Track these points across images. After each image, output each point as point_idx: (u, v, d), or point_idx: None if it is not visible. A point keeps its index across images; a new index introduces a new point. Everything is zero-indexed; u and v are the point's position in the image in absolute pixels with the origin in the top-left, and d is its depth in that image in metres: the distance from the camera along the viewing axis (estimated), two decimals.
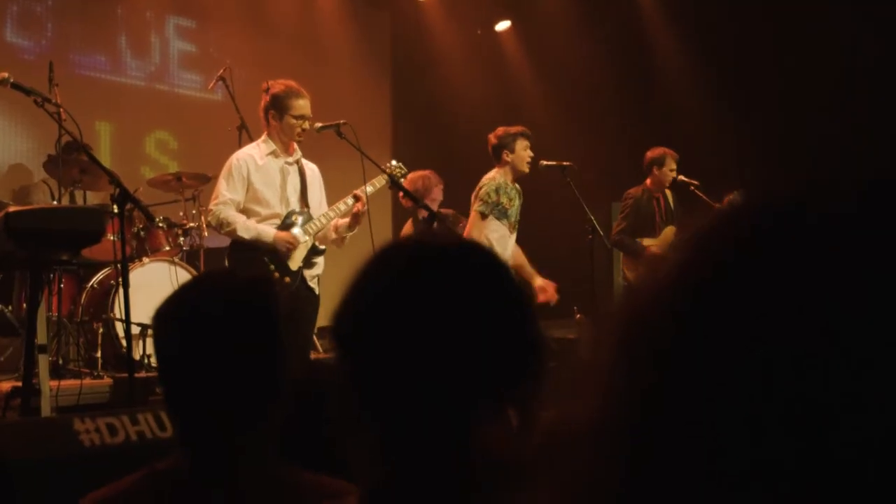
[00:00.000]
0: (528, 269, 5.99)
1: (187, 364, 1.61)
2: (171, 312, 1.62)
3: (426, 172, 6.60)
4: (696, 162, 7.72)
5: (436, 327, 1.02)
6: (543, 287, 5.88)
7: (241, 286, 1.63)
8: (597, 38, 9.55)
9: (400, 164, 5.22)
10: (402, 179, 5.17)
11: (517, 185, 5.93)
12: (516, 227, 5.91)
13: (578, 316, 8.66)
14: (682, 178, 7.09)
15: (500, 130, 5.90)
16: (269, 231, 4.79)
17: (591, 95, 9.65)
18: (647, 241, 6.92)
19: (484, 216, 5.72)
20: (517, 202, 5.87)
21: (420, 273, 1.06)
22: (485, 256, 1.12)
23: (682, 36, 9.31)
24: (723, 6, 8.79)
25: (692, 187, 7.04)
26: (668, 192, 7.10)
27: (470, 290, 1.05)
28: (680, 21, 9.30)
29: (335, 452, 1.80)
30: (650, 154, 7.08)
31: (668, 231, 6.98)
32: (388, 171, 5.02)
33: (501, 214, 5.75)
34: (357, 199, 4.84)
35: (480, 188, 5.81)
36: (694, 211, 7.00)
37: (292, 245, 4.79)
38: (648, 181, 7.07)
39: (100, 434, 2.45)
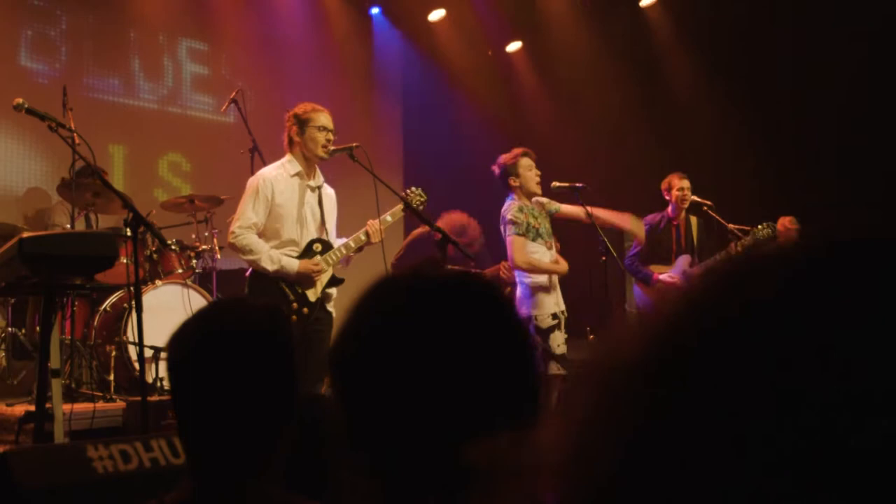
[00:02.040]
0: (609, 218, 6.03)
1: (202, 390, 1.60)
2: (186, 339, 1.62)
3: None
4: (711, 180, 7.70)
5: (432, 362, 1.00)
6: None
7: (256, 312, 1.63)
8: (608, 57, 9.56)
9: (420, 190, 5.17)
10: (421, 206, 5.13)
11: (540, 206, 5.93)
12: (553, 243, 5.89)
13: (591, 337, 8.64)
14: (695, 197, 7.05)
15: (500, 159, 5.84)
16: (293, 263, 4.74)
17: (603, 115, 9.65)
18: (659, 269, 6.86)
19: (518, 236, 5.65)
20: (545, 223, 5.84)
21: (418, 306, 1.04)
22: (486, 291, 1.09)
23: (694, 52, 9.31)
24: (735, 21, 8.79)
25: (705, 207, 7.01)
26: (693, 219, 7.04)
27: (468, 326, 1.03)
28: (692, 38, 9.31)
29: (330, 482, 1.80)
30: (663, 182, 7.08)
31: (682, 260, 6.92)
32: (405, 197, 4.98)
33: (536, 235, 5.72)
34: (368, 235, 4.82)
35: (504, 216, 5.78)
36: (714, 238, 6.99)
37: (318, 270, 4.76)
38: (669, 208, 7.07)
39: (113, 461, 2.44)
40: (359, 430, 1.04)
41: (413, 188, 5.20)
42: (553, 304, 5.77)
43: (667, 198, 7.05)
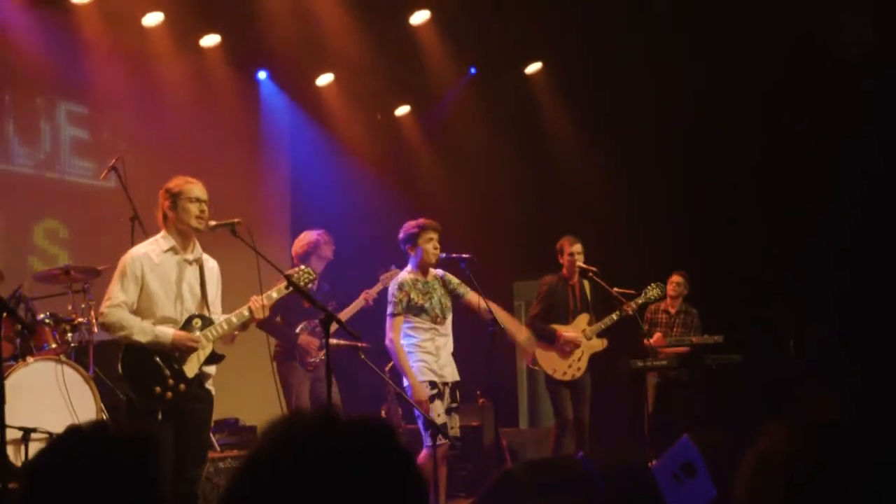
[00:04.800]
0: (508, 324, 6.04)
1: None
2: (40, 471, 1.53)
3: (313, 233, 6.61)
4: (598, 244, 7.84)
5: None
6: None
7: (119, 442, 1.54)
8: (495, 121, 9.71)
9: (308, 269, 5.06)
10: (310, 285, 5.05)
11: (438, 278, 5.94)
12: (445, 316, 5.88)
13: (482, 401, 8.64)
14: (580, 264, 7.18)
15: (406, 226, 5.91)
16: (167, 332, 4.55)
17: (489, 177, 9.78)
18: (559, 328, 7.03)
19: (394, 316, 5.75)
20: (436, 295, 5.86)
21: (310, 472, 1.02)
22: (385, 451, 1.06)
23: (580, 117, 9.54)
24: (621, 86, 9.06)
25: (591, 273, 7.14)
26: (585, 282, 7.23)
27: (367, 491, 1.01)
28: (576, 104, 9.53)
29: None
30: (557, 244, 7.23)
31: (581, 319, 7.13)
32: (291, 276, 4.82)
33: (419, 311, 5.76)
34: (251, 311, 4.69)
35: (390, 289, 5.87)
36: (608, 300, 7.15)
37: (195, 344, 4.59)
38: (564, 269, 7.21)
39: None
40: None
41: (301, 266, 5.09)
42: (431, 372, 5.76)
43: (560, 260, 7.24)
